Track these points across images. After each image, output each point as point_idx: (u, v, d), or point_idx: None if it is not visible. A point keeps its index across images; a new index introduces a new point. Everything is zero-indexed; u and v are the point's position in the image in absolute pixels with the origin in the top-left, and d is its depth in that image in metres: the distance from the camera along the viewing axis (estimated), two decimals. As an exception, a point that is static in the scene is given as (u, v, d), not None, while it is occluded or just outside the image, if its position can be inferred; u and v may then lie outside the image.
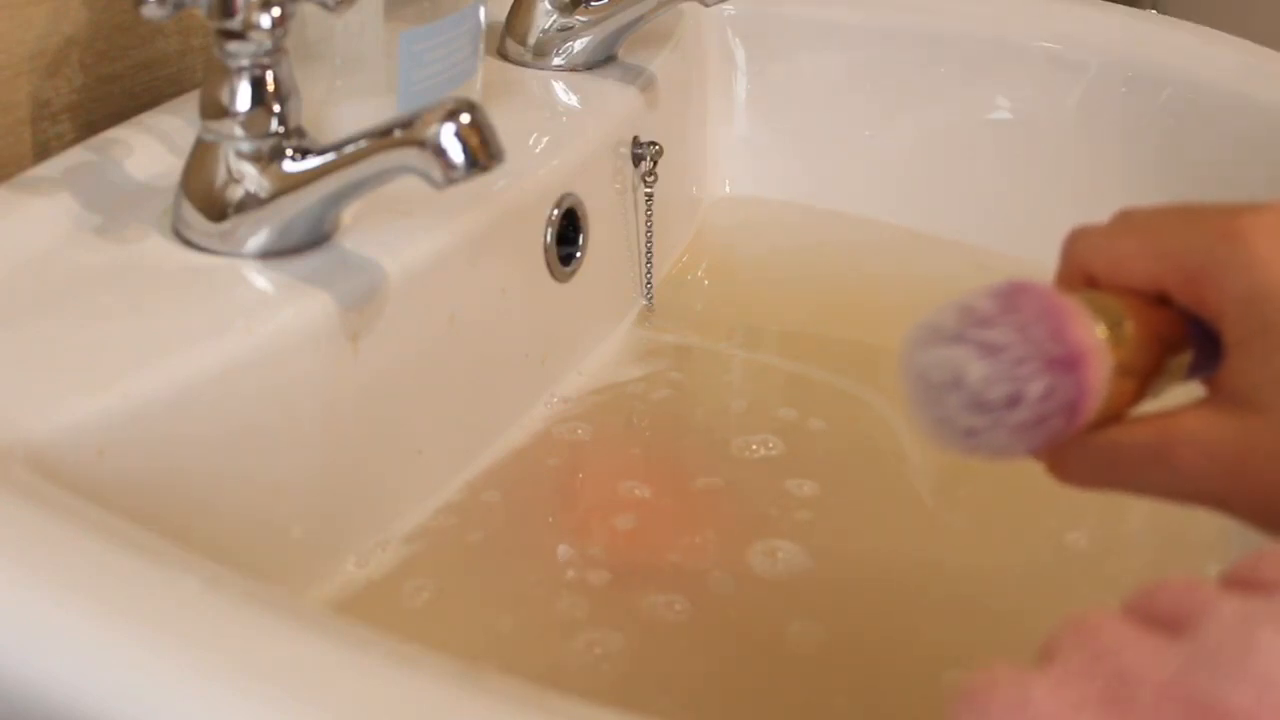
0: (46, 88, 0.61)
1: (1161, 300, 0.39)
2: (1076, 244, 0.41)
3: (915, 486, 0.66)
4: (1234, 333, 0.37)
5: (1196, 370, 0.40)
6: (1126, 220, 0.40)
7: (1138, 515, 0.64)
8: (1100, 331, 0.38)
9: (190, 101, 0.59)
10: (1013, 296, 0.38)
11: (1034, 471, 0.41)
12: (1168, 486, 0.38)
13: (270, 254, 0.53)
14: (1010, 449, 0.38)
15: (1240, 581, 0.31)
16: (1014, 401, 0.37)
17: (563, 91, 0.74)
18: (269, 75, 0.52)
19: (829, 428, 0.68)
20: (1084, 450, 0.39)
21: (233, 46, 0.51)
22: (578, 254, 0.69)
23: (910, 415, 0.39)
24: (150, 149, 0.58)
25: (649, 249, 0.76)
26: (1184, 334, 0.39)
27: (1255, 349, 0.36)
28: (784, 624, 0.56)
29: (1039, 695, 0.28)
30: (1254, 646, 0.27)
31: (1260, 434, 0.36)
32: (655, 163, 0.74)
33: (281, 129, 0.52)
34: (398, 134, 0.49)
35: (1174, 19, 0.88)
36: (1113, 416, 0.39)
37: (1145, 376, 0.39)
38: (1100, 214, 0.45)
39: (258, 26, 0.50)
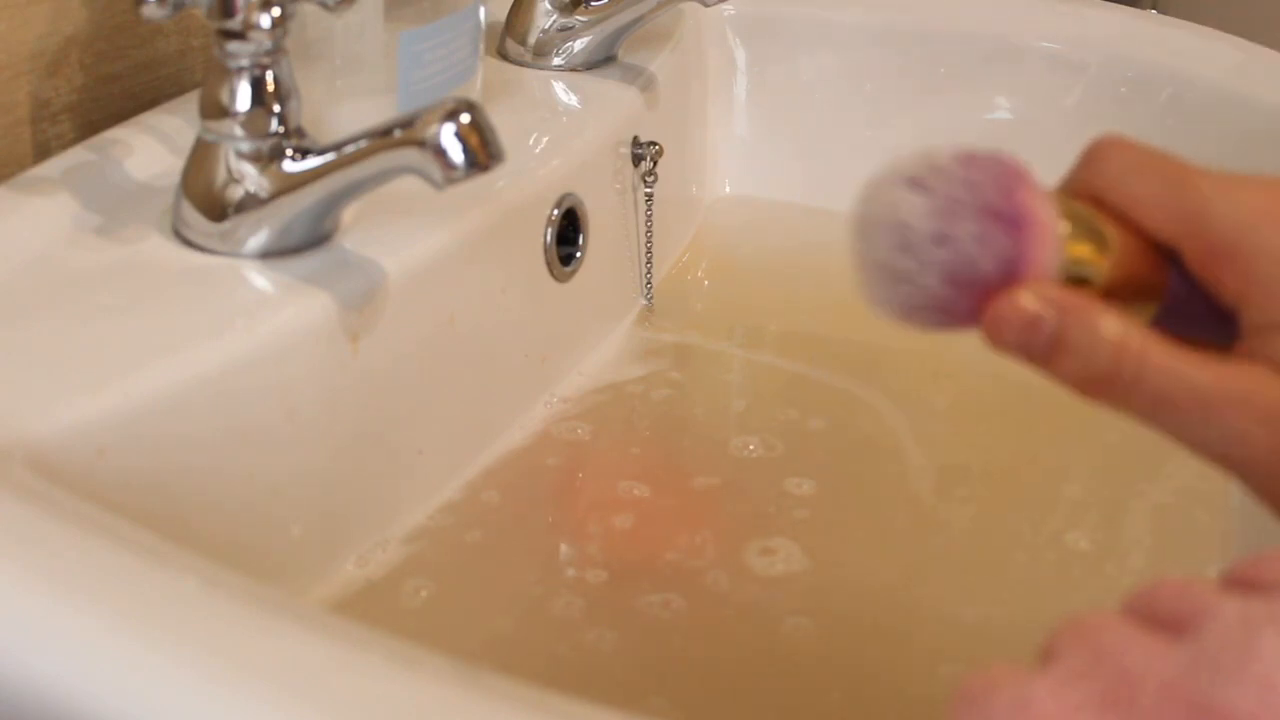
0: (46, 88, 0.60)
1: (1160, 249, 0.38)
2: (1106, 163, 0.39)
3: (915, 486, 0.65)
4: (1269, 317, 0.36)
5: (1161, 324, 0.38)
6: (1161, 168, 0.38)
7: (1138, 516, 0.64)
8: (1062, 228, 0.37)
9: (190, 101, 0.59)
10: (976, 157, 0.37)
11: (1034, 472, 0.41)
12: (1203, 439, 0.37)
13: (270, 254, 0.53)
14: (943, 304, 0.37)
15: (1240, 582, 0.31)
16: (941, 239, 0.36)
17: (563, 91, 0.74)
18: (269, 75, 0.52)
19: (828, 428, 0.68)
20: (1141, 373, 0.37)
21: (233, 46, 0.51)
22: (578, 254, 0.69)
23: (854, 271, 0.38)
24: (150, 149, 0.58)
25: (649, 249, 0.76)
26: (1161, 288, 0.38)
27: None
28: (781, 623, 0.56)
29: (1040, 696, 0.28)
30: (1256, 649, 0.27)
31: None
32: (655, 163, 0.74)
33: (281, 129, 0.52)
34: (398, 134, 0.49)
35: (1174, 19, 0.88)
36: None
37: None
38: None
39: (258, 26, 0.50)
